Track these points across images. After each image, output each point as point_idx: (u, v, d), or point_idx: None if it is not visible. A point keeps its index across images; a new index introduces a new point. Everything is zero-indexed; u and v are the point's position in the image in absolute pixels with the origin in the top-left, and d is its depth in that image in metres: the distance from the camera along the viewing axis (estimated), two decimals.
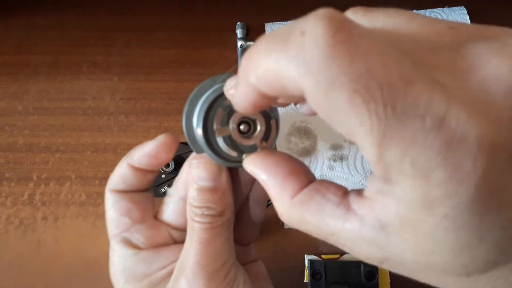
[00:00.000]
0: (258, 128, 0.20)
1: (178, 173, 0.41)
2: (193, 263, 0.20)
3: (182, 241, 0.23)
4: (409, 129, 0.11)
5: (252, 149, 0.20)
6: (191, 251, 0.21)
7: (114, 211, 0.23)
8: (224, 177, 0.22)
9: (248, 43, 0.51)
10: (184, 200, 0.23)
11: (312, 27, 0.13)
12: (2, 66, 0.51)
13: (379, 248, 0.14)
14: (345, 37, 0.12)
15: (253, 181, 0.25)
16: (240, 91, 0.15)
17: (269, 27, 0.52)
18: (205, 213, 0.21)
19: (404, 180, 0.12)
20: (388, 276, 0.40)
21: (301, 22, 0.13)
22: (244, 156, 0.19)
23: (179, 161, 0.39)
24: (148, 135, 0.47)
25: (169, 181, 0.42)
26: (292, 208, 0.16)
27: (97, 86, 0.50)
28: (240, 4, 0.55)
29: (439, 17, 0.52)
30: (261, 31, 0.53)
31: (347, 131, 0.12)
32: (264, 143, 0.20)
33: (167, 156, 0.23)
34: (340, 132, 0.13)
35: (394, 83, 0.11)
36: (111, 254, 0.23)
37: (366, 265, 0.39)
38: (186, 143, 0.41)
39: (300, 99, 0.16)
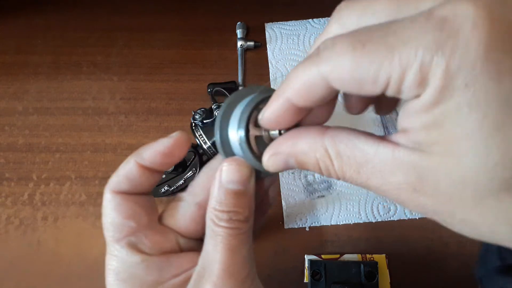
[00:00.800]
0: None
1: (181, 175, 0.40)
2: (221, 270, 0.19)
3: (188, 250, 0.22)
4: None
5: None
6: (217, 256, 0.20)
7: (118, 214, 0.21)
8: (252, 183, 0.21)
9: (248, 43, 0.51)
10: (200, 205, 0.22)
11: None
12: (2, 66, 0.51)
13: (413, 169, 0.14)
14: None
15: (266, 193, 0.25)
16: (271, 105, 0.18)
17: (269, 27, 0.52)
18: (233, 218, 0.20)
19: (433, 83, 0.13)
20: (388, 276, 0.40)
21: None
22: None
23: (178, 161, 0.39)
24: (148, 135, 0.47)
25: (169, 181, 0.42)
26: (324, 142, 0.17)
27: (97, 86, 0.50)
28: (240, 4, 0.55)
29: None
30: (261, 31, 0.53)
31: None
32: None
33: (180, 154, 0.22)
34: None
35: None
36: (110, 261, 0.21)
37: (366, 265, 0.39)
38: None
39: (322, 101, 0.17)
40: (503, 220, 0.14)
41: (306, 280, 0.40)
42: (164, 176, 0.42)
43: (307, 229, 0.43)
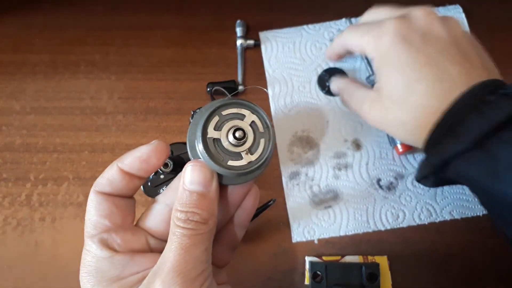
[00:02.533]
0: (248, 139, 0.23)
1: (176, 175, 0.40)
2: (171, 268, 0.20)
3: (158, 250, 0.23)
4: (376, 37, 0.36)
5: (237, 157, 0.23)
6: (170, 255, 0.21)
7: (96, 212, 0.23)
8: (214, 186, 0.22)
9: (248, 41, 0.51)
10: (170, 207, 0.23)
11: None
12: None
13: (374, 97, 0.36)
14: None
15: (239, 203, 0.26)
16: (332, 46, 0.43)
17: (263, 35, 0.52)
18: (190, 218, 0.21)
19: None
20: (390, 278, 0.40)
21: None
22: (229, 162, 0.22)
23: (178, 161, 0.39)
24: (147, 135, 0.47)
25: (167, 182, 0.41)
26: (341, 88, 0.42)
27: (95, 85, 0.49)
28: (240, 2, 0.54)
29: None
30: (261, 29, 0.52)
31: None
32: (249, 155, 0.23)
33: (157, 162, 0.24)
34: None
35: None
36: (84, 254, 0.23)
37: (367, 266, 0.39)
38: (185, 143, 0.41)
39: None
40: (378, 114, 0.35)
41: (307, 282, 0.39)
42: (162, 176, 0.41)
43: (316, 241, 0.42)
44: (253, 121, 0.23)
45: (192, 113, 0.43)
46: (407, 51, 0.32)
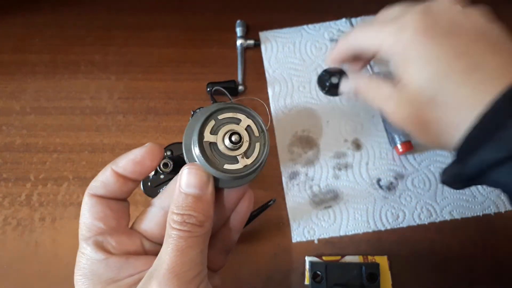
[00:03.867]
0: (244, 143, 0.23)
1: (176, 175, 0.40)
2: (167, 270, 0.20)
3: (153, 253, 0.23)
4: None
5: (233, 161, 0.23)
6: (166, 257, 0.21)
7: (90, 215, 0.23)
8: (210, 189, 0.22)
9: (248, 41, 0.51)
10: (165, 211, 0.23)
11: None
12: None
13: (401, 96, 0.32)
14: None
15: (234, 206, 0.26)
16: (338, 48, 0.37)
17: (263, 35, 0.52)
18: (186, 220, 0.21)
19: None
20: (390, 278, 0.40)
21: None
22: (225, 165, 0.22)
23: (178, 161, 0.39)
24: (147, 135, 0.47)
25: (167, 182, 0.41)
26: (362, 86, 0.36)
27: (95, 85, 0.49)
28: (240, 2, 0.54)
29: None
30: (261, 29, 0.52)
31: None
32: (245, 158, 0.23)
33: (151, 164, 0.24)
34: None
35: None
36: (78, 257, 0.23)
37: (367, 266, 0.39)
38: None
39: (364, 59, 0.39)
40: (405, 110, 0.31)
41: (307, 282, 0.39)
42: (162, 176, 0.41)
43: (316, 241, 0.42)
44: (248, 126, 0.24)
45: (192, 113, 0.43)
46: (432, 44, 0.29)
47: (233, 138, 0.23)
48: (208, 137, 0.23)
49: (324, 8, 0.54)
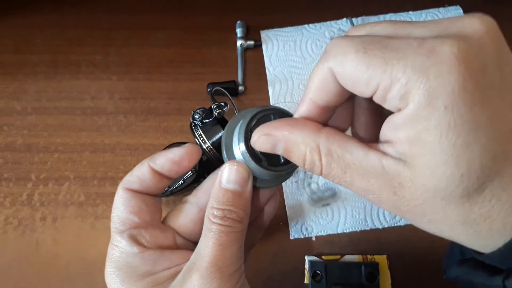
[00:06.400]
0: None
1: (184, 178, 0.41)
2: (209, 263, 0.20)
3: (185, 248, 0.24)
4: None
5: (275, 159, 0.23)
6: (207, 251, 0.21)
7: (125, 208, 0.23)
8: (250, 186, 0.23)
9: (248, 42, 0.51)
10: (201, 208, 0.24)
11: None
12: (0, 66, 0.51)
13: (397, 176, 0.17)
14: None
15: (264, 206, 0.26)
16: (299, 108, 0.21)
17: (264, 34, 0.52)
18: (227, 215, 0.21)
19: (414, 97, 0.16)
20: (389, 277, 0.40)
21: None
22: (268, 164, 0.22)
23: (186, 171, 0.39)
24: (147, 135, 0.47)
25: (174, 181, 0.41)
26: (319, 139, 0.19)
27: (96, 85, 0.50)
28: (240, 3, 0.54)
29: (436, 17, 0.52)
30: (261, 30, 0.53)
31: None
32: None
33: (189, 165, 0.24)
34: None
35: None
36: (111, 250, 0.23)
37: (367, 266, 0.39)
38: (186, 143, 0.41)
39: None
40: (460, 220, 0.17)
41: (306, 281, 0.40)
42: None
43: (313, 238, 0.43)
44: None
45: (193, 113, 0.43)
46: (489, 98, 0.16)
47: None
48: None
49: (324, 9, 0.54)
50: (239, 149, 0.23)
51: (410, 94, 0.16)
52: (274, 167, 0.23)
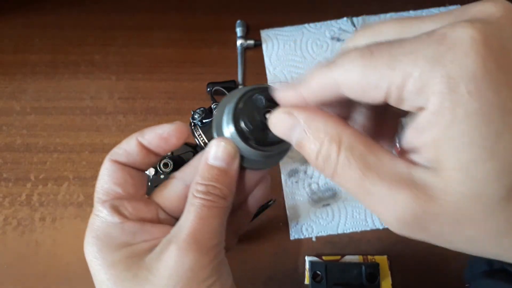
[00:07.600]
0: None
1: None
2: (188, 235, 0.20)
3: (167, 224, 0.24)
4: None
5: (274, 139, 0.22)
6: (187, 224, 0.21)
7: (109, 179, 0.23)
8: (236, 165, 0.22)
9: (248, 41, 0.51)
10: (187, 185, 0.24)
11: None
12: (0, 66, 0.51)
13: (425, 188, 0.15)
14: None
15: (252, 189, 0.26)
16: (285, 92, 0.19)
17: (264, 33, 0.52)
18: (210, 191, 0.21)
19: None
20: (390, 278, 0.40)
21: None
22: (266, 149, 0.22)
23: (178, 161, 0.39)
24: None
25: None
26: (344, 132, 0.17)
27: (95, 85, 0.50)
28: (240, 3, 0.54)
29: None
30: (261, 29, 0.53)
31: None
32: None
33: (176, 142, 0.24)
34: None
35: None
36: (92, 219, 0.23)
37: (367, 266, 0.39)
38: (188, 144, 0.41)
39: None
40: (504, 230, 0.14)
41: (307, 281, 0.40)
42: (162, 176, 0.41)
43: (313, 239, 0.42)
44: None
45: (192, 113, 0.43)
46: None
47: (266, 115, 0.22)
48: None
49: (325, 8, 0.54)
50: (227, 128, 0.22)
51: (428, 86, 0.14)
52: (262, 146, 0.22)
